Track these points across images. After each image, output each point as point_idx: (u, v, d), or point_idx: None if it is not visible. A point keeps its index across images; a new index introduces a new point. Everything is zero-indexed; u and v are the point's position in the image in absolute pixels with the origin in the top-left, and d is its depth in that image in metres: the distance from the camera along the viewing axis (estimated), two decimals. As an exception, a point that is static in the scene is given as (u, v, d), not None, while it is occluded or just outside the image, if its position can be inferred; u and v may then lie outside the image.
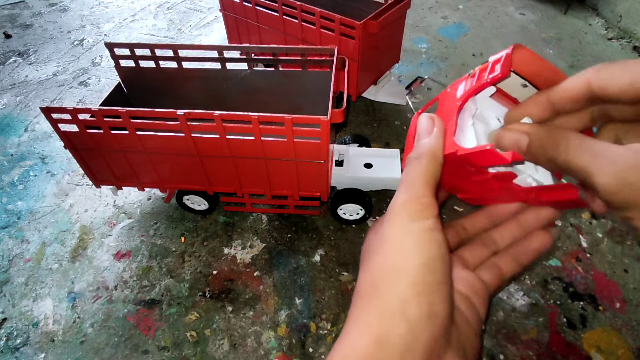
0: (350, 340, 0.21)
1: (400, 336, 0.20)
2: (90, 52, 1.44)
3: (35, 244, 0.82)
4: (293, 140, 0.62)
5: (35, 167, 0.99)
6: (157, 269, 0.77)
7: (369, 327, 0.21)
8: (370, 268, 0.23)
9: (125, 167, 0.72)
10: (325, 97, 0.73)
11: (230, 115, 0.61)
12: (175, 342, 0.67)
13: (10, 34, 1.56)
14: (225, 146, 0.65)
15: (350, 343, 0.21)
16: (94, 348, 0.66)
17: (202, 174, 0.72)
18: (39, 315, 0.71)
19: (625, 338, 0.65)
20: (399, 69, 1.29)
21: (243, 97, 0.87)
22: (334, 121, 0.61)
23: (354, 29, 0.85)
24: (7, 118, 1.15)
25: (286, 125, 0.60)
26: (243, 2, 1.04)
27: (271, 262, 0.77)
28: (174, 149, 0.67)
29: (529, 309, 0.69)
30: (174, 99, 0.88)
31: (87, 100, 1.21)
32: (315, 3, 0.99)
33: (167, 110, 0.62)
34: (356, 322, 0.22)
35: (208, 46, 0.81)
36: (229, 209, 0.85)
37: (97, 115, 0.63)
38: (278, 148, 0.64)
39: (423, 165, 0.23)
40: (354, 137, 0.90)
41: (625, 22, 1.45)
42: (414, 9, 1.63)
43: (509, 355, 0.64)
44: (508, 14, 1.60)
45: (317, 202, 0.80)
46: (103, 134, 0.66)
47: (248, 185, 0.73)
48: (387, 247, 0.22)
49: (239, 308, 0.71)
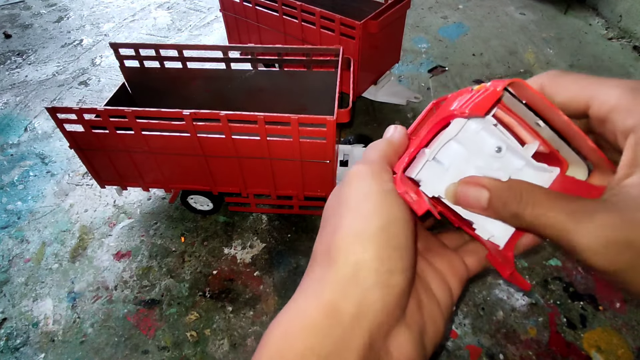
0: (297, 306, 0.20)
1: (351, 305, 0.19)
2: (90, 52, 1.44)
3: (35, 244, 0.82)
4: (299, 140, 0.63)
5: (35, 167, 0.99)
6: (157, 269, 0.77)
7: (319, 293, 0.19)
8: (326, 232, 0.21)
9: (130, 167, 0.72)
10: (330, 97, 0.73)
11: (236, 115, 0.61)
12: (175, 342, 0.67)
13: (10, 34, 1.56)
14: (230, 146, 0.65)
15: (297, 308, 0.20)
16: (94, 348, 0.66)
17: (207, 174, 0.72)
18: (39, 315, 0.71)
19: (625, 338, 0.65)
20: (399, 69, 1.29)
21: (247, 97, 0.87)
22: (340, 121, 0.61)
23: (354, 29, 0.85)
24: (7, 118, 1.15)
25: (292, 125, 0.60)
26: (243, 2, 1.04)
27: (271, 262, 0.77)
28: (179, 149, 0.67)
29: (528, 308, 0.69)
30: (178, 99, 0.88)
31: (87, 100, 1.21)
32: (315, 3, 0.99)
33: (172, 110, 0.62)
34: (307, 288, 0.20)
35: (213, 46, 0.81)
36: (233, 209, 0.84)
37: (103, 115, 0.63)
38: (284, 148, 0.65)
39: (379, 146, 0.23)
40: (357, 137, 0.90)
41: (625, 22, 1.45)
42: (414, 9, 1.63)
43: (509, 354, 0.64)
44: (508, 14, 1.60)
45: (322, 203, 0.80)
46: (108, 134, 0.66)
47: (253, 185, 0.73)
48: (344, 209, 0.21)
49: (239, 308, 0.71)
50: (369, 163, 0.22)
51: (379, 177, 0.21)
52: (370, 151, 0.23)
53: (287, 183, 0.72)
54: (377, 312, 0.19)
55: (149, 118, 0.63)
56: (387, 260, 0.19)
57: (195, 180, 0.74)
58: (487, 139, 0.22)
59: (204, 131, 0.64)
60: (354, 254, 0.19)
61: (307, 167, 0.67)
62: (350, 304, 0.19)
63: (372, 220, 0.20)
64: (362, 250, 0.19)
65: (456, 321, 0.68)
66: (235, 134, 0.64)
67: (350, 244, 0.20)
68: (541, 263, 0.76)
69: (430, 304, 0.22)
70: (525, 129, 0.22)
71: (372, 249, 0.19)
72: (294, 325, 0.19)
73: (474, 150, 0.22)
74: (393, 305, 0.19)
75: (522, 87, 0.19)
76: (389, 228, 0.20)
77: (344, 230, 0.20)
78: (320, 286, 0.20)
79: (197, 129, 0.64)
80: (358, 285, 0.19)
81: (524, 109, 0.20)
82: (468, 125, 0.22)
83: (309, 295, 0.20)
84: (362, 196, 0.21)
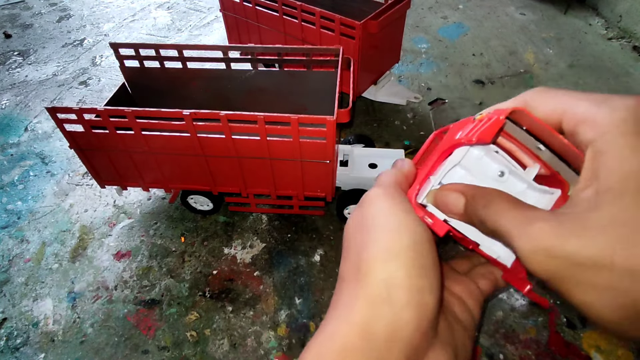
0: (330, 329, 0.19)
1: (384, 325, 0.18)
2: (90, 52, 1.44)
3: (35, 244, 0.83)
4: (299, 140, 0.63)
5: (35, 167, 0.99)
6: (157, 269, 0.77)
7: (351, 314, 0.19)
8: (355, 251, 0.21)
9: (130, 167, 0.72)
10: (330, 97, 0.73)
11: (236, 115, 0.61)
12: (175, 342, 0.67)
13: (10, 34, 1.56)
14: (230, 146, 0.65)
15: (330, 331, 0.19)
16: (94, 348, 0.66)
17: (207, 174, 0.72)
18: (39, 315, 0.71)
19: (625, 338, 0.65)
20: (399, 69, 1.29)
21: (247, 97, 0.88)
22: (340, 121, 0.61)
23: (354, 29, 0.85)
24: (7, 118, 1.15)
25: (292, 125, 0.61)
26: (243, 2, 1.04)
27: (271, 262, 0.77)
28: (179, 149, 0.67)
29: (528, 308, 0.69)
30: (178, 99, 0.88)
31: (87, 100, 1.21)
32: (315, 3, 0.99)
33: (172, 110, 0.62)
34: (338, 308, 0.20)
35: (213, 46, 0.81)
36: (233, 209, 0.85)
37: (103, 115, 0.64)
38: (284, 148, 0.65)
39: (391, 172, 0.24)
40: (358, 137, 0.90)
41: (625, 22, 1.45)
42: (414, 9, 1.63)
43: (508, 354, 0.64)
44: (508, 14, 1.60)
45: (322, 203, 0.80)
46: (108, 134, 0.66)
47: (253, 185, 0.73)
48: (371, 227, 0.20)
49: (239, 308, 0.71)
50: (386, 187, 0.22)
51: (399, 198, 0.21)
52: (383, 177, 0.24)
53: (287, 183, 0.72)
54: (411, 332, 0.18)
55: (149, 118, 0.63)
56: (418, 278, 0.19)
57: (195, 180, 0.74)
58: (490, 164, 0.23)
59: (204, 131, 0.64)
60: (384, 271, 0.19)
61: (307, 167, 0.67)
62: (383, 324, 0.18)
63: (401, 236, 0.19)
64: (393, 267, 0.19)
65: (456, 321, 0.68)
66: (235, 134, 0.64)
67: (380, 261, 0.19)
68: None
69: (458, 327, 0.22)
70: (527, 153, 0.22)
71: (403, 266, 0.19)
72: (326, 349, 0.19)
73: (478, 175, 0.23)
74: (426, 325, 0.19)
75: (523, 114, 0.20)
76: (417, 246, 0.19)
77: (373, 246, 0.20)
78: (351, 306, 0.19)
79: (197, 129, 0.64)
80: (390, 305, 0.18)
81: (525, 135, 0.21)
82: (471, 152, 0.23)
83: (341, 317, 0.19)
84: (388, 213, 0.20)
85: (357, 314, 0.19)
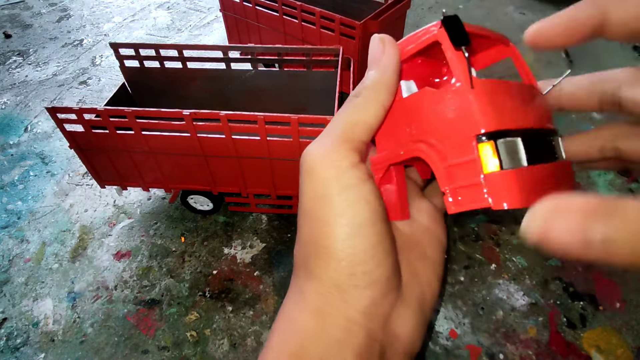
0: (289, 314, 0.20)
1: (338, 309, 0.19)
2: (90, 52, 1.44)
3: (35, 243, 0.83)
4: (299, 140, 0.63)
5: (35, 167, 0.99)
6: (157, 269, 0.77)
7: (306, 302, 0.20)
8: (300, 243, 0.21)
9: (130, 167, 0.72)
10: (330, 97, 0.73)
11: (236, 115, 0.61)
12: (175, 342, 0.67)
13: (10, 34, 1.56)
14: (230, 146, 0.65)
15: (289, 317, 0.20)
16: (94, 348, 0.66)
17: (207, 174, 0.72)
18: (39, 315, 0.71)
19: (625, 338, 0.65)
20: (399, 69, 1.29)
21: (247, 97, 0.88)
22: None
23: (354, 28, 0.85)
24: (7, 118, 1.15)
25: (292, 125, 0.61)
26: (243, 2, 1.04)
27: (271, 262, 0.77)
28: (179, 149, 0.67)
29: (528, 308, 0.69)
30: (178, 99, 0.88)
31: (87, 100, 1.21)
32: (315, 3, 0.99)
33: (172, 110, 0.62)
34: (294, 295, 0.21)
35: (213, 46, 0.81)
36: (233, 209, 0.85)
37: (103, 115, 0.64)
38: (284, 148, 0.65)
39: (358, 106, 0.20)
40: None
41: (625, 22, 1.45)
42: (414, 9, 1.63)
43: (508, 354, 0.64)
44: (508, 14, 1.60)
45: None
46: (108, 134, 0.66)
47: (253, 185, 0.73)
48: (309, 220, 0.20)
49: (239, 308, 0.71)
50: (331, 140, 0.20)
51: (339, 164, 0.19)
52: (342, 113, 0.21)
53: (287, 183, 0.72)
54: (366, 305, 0.19)
55: (149, 118, 0.64)
56: (362, 264, 0.19)
57: (195, 180, 0.74)
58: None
59: (204, 131, 0.64)
60: (328, 271, 0.19)
61: None
62: (338, 308, 0.19)
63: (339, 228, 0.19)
64: (333, 269, 0.19)
65: (455, 320, 0.68)
66: (235, 134, 0.64)
67: (323, 261, 0.19)
68: (541, 263, 0.76)
69: (425, 269, 0.23)
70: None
71: (346, 263, 0.19)
72: (289, 331, 0.20)
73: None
74: (379, 295, 0.19)
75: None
76: (358, 232, 0.19)
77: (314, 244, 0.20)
78: (306, 295, 0.20)
79: (197, 129, 0.64)
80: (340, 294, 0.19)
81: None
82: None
83: (298, 303, 0.20)
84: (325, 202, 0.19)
85: (311, 302, 0.20)
